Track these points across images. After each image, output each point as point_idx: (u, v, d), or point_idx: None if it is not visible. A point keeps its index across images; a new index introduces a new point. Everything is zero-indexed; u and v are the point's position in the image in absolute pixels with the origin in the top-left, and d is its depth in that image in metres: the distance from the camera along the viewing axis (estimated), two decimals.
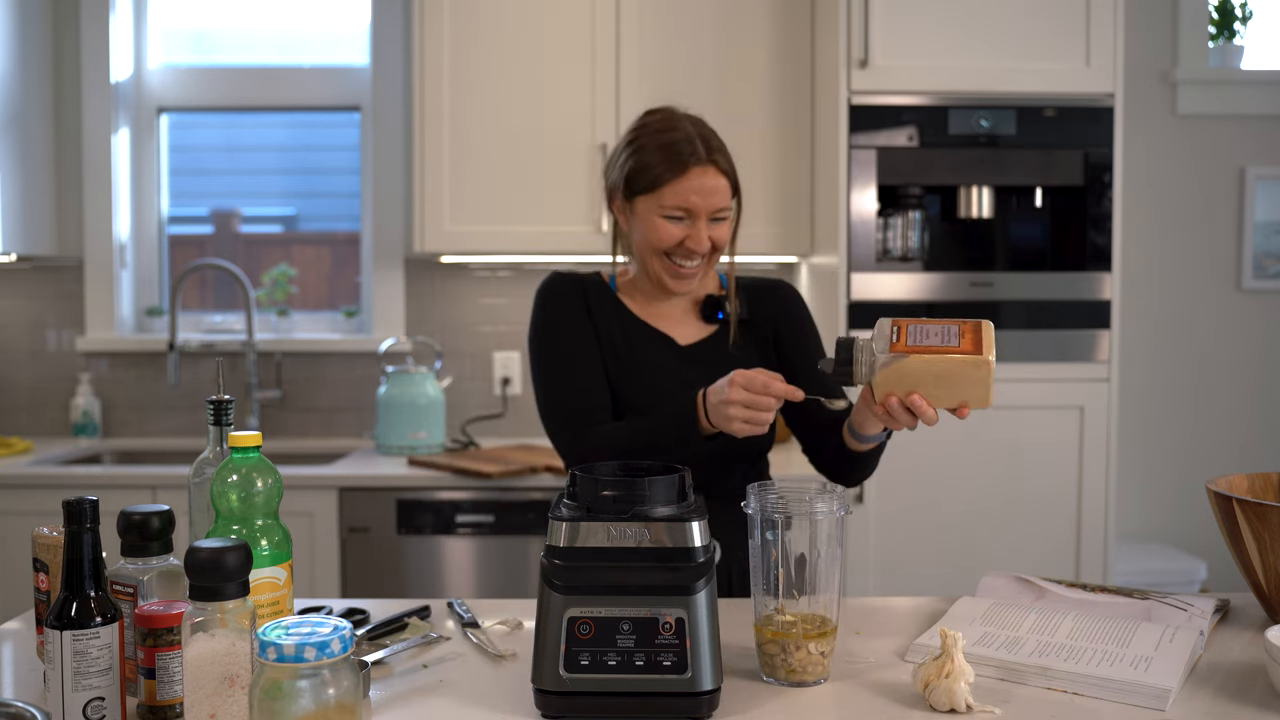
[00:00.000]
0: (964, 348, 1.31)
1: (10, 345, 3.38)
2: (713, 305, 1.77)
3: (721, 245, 1.70)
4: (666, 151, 1.65)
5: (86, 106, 3.31)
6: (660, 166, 1.65)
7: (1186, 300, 3.39)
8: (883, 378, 1.34)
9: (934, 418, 1.37)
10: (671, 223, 1.66)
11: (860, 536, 2.70)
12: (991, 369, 1.31)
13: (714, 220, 1.68)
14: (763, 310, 1.79)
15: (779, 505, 1.22)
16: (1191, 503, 3.33)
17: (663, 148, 1.66)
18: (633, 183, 1.69)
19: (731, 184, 1.69)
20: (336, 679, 0.90)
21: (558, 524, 1.14)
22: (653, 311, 1.77)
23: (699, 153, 1.65)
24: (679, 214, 1.66)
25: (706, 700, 1.10)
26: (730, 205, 1.70)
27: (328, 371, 3.38)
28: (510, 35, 2.97)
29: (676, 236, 1.67)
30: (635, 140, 1.69)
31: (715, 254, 1.71)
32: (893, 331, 1.33)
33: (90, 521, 1.07)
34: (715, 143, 1.69)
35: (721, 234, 1.69)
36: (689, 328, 1.77)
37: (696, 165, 1.65)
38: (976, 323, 1.34)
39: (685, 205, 1.65)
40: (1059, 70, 2.68)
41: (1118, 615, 1.39)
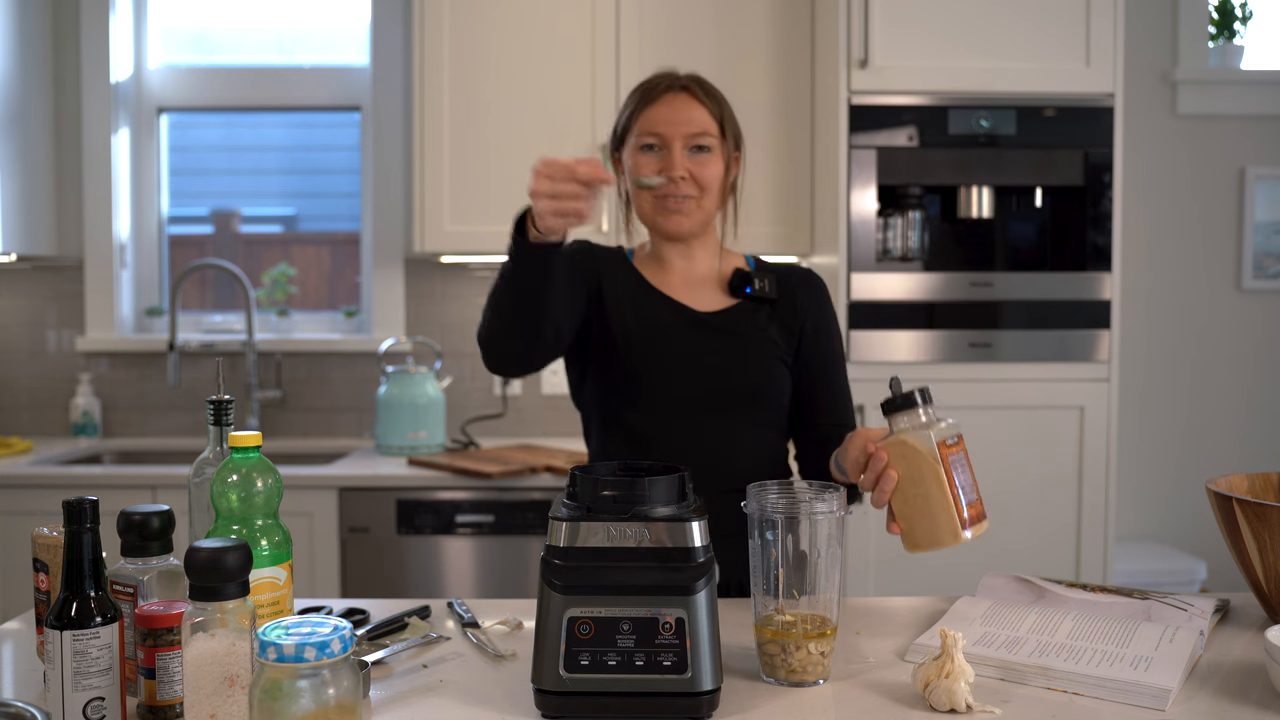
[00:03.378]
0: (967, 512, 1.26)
1: (10, 345, 3.38)
2: (741, 280, 1.72)
3: (706, 181, 1.65)
4: (643, 88, 1.67)
5: (86, 106, 3.31)
6: (635, 103, 1.66)
7: (1186, 300, 3.39)
8: (901, 439, 1.29)
9: (879, 504, 1.32)
10: (647, 154, 1.65)
11: (860, 536, 2.70)
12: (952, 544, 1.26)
13: (694, 151, 1.64)
14: (794, 298, 1.74)
15: (779, 505, 1.22)
16: (1191, 503, 3.33)
17: (641, 87, 1.68)
18: (617, 129, 1.70)
19: (716, 119, 1.66)
20: (336, 679, 0.90)
21: (558, 524, 1.14)
22: (669, 281, 1.73)
23: (675, 83, 1.65)
24: (652, 141, 1.64)
25: (706, 700, 1.10)
26: (712, 136, 1.65)
27: (328, 371, 3.38)
28: (510, 35, 2.97)
29: (652, 167, 1.64)
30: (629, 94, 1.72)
31: (705, 194, 1.66)
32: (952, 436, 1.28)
33: (90, 521, 1.07)
34: (698, 80, 1.67)
35: (704, 169, 1.64)
36: (710, 298, 1.72)
37: (669, 92, 1.64)
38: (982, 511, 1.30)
39: (655, 130, 1.63)
40: (1059, 70, 2.68)
41: (1118, 615, 1.39)
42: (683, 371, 1.65)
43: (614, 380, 1.68)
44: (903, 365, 2.69)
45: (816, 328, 1.74)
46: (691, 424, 1.64)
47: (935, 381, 2.70)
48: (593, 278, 1.70)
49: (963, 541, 1.24)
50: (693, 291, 1.73)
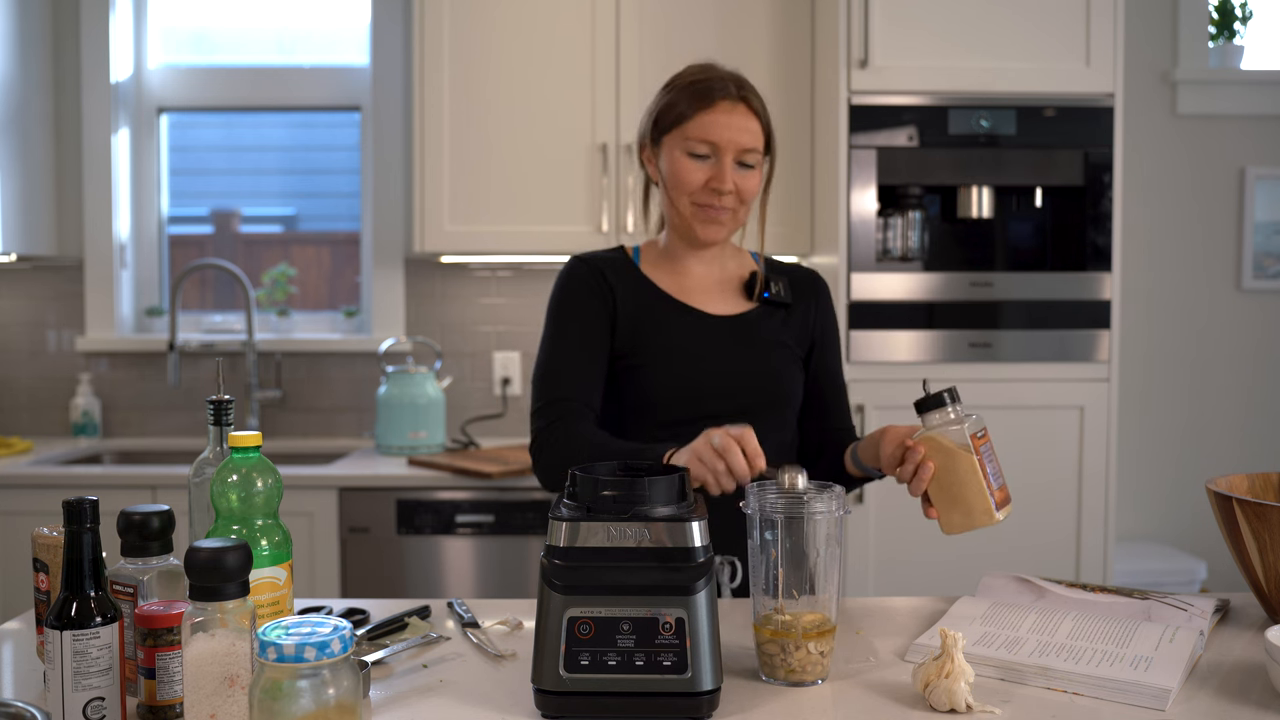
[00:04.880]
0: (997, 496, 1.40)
1: (10, 345, 3.38)
2: (761, 284, 1.72)
3: (748, 195, 1.64)
4: (696, 87, 1.63)
5: (86, 106, 3.31)
6: (687, 101, 1.63)
7: (1186, 300, 3.39)
8: (938, 436, 1.41)
9: (916, 493, 1.43)
10: (696, 161, 1.62)
11: (860, 536, 2.70)
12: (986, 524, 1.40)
13: (741, 166, 1.63)
14: (806, 302, 1.75)
15: (778, 505, 1.22)
16: (1191, 503, 3.33)
17: (693, 84, 1.64)
18: (660, 121, 1.65)
19: (764, 133, 1.65)
20: (336, 679, 0.90)
21: (558, 524, 1.14)
22: (680, 285, 1.72)
23: (730, 90, 1.62)
24: (704, 150, 1.62)
25: (706, 700, 1.10)
26: (759, 151, 1.65)
27: (328, 371, 3.38)
28: (510, 35, 2.97)
29: (701, 176, 1.62)
30: (669, 85, 1.68)
31: (743, 207, 1.66)
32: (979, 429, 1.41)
33: (90, 521, 1.07)
34: (750, 89, 1.65)
35: (748, 183, 1.64)
36: (723, 301, 1.71)
37: (725, 99, 1.62)
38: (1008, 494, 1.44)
39: (710, 139, 1.61)
40: (1059, 70, 2.68)
41: (1118, 615, 1.39)
42: (701, 377, 1.65)
43: (632, 393, 1.66)
44: (903, 365, 2.69)
45: (826, 333, 1.77)
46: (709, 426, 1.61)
47: (935, 381, 2.70)
48: (609, 304, 1.68)
49: (995, 522, 1.39)
50: (708, 295, 1.71)
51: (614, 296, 1.68)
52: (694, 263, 1.73)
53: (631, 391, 1.66)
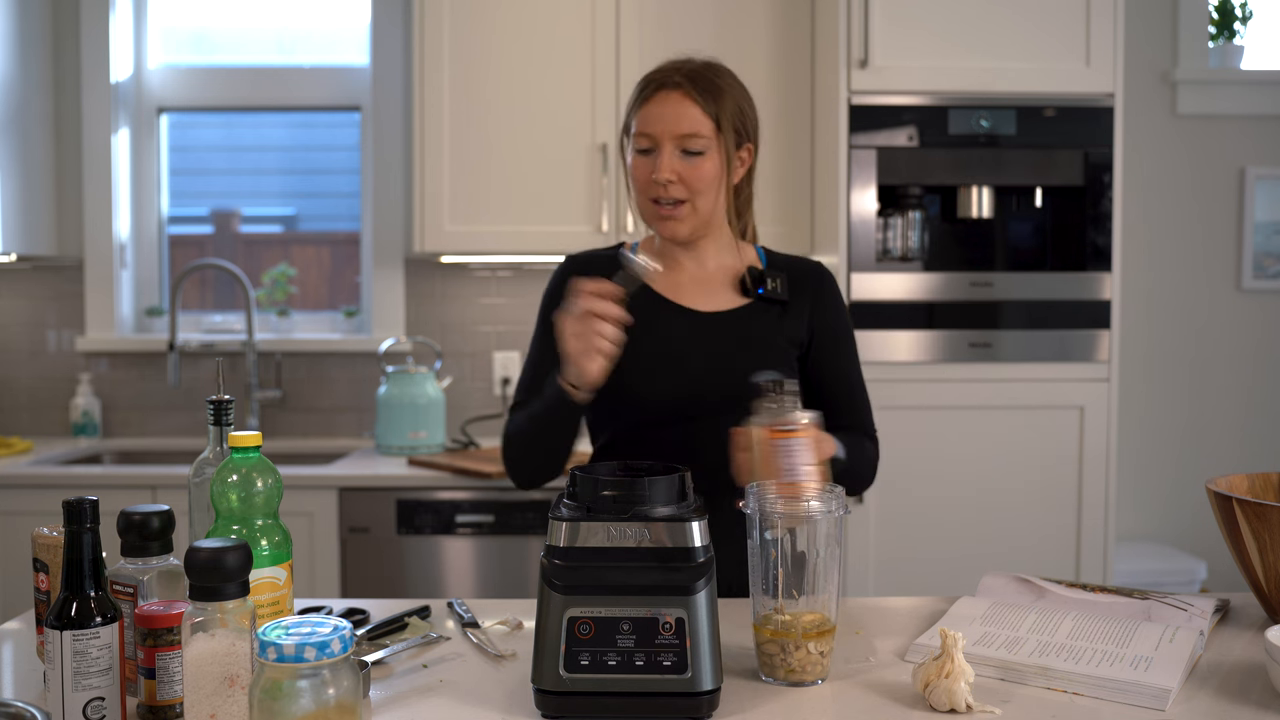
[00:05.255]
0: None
1: (10, 345, 3.38)
2: (755, 279, 1.67)
3: (699, 184, 1.59)
4: (642, 83, 1.61)
5: (86, 106, 3.31)
6: (633, 98, 1.61)
7: (1186, 300, 3.39)
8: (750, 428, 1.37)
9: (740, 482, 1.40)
10: (642, 157, 1.60)
11: (860, 536, 2.70)
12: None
13: (686, 155, 1.58)
14: (806, 297, 1.70)
15: (777, 505, 1.22)
16: (1191, 503, 3.33)
17: (642, 80, 1.62)
18: (626, 123, 1.64)
19: (711, 117, 1.58)
20: (336, 679, 0.90)
21: (558, 524, 1.14)
22: (672, 281, 1.69)
23: (670, 78, 1.58)
24: (646, 144, 1.59)
25: (706, 700, 1.10)
26: (704, 136, 1.58)
27: (328, 371, 3.38)
28: (510, 35, 2.97)
29: (647, 171, 1.59)
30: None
31: (699, 197, 1.60)
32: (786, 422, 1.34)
33: (90, 521, 1.07)
34: (701, 77, 1.59)
35: (696, 171, 1.58)
36: (716, 298, 1.68)
37: (662, 89, 1.58)
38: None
39: (647, 130, 1.58)
40: (1059, 70, 2.68)
41: (1118, 615, 1.39)
42: (687, 375, 1.63)
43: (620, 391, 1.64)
44: (903, 365, 2.69)
45: (829, 329, 1.71)
46: (698, 426, 1.61)
47: (935, 381, 2.70)
48: None
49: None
50: (701, 291, 1.69)
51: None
52: (686, 259, 1.71)
53: (619, 389, 1.64)
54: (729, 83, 1.64)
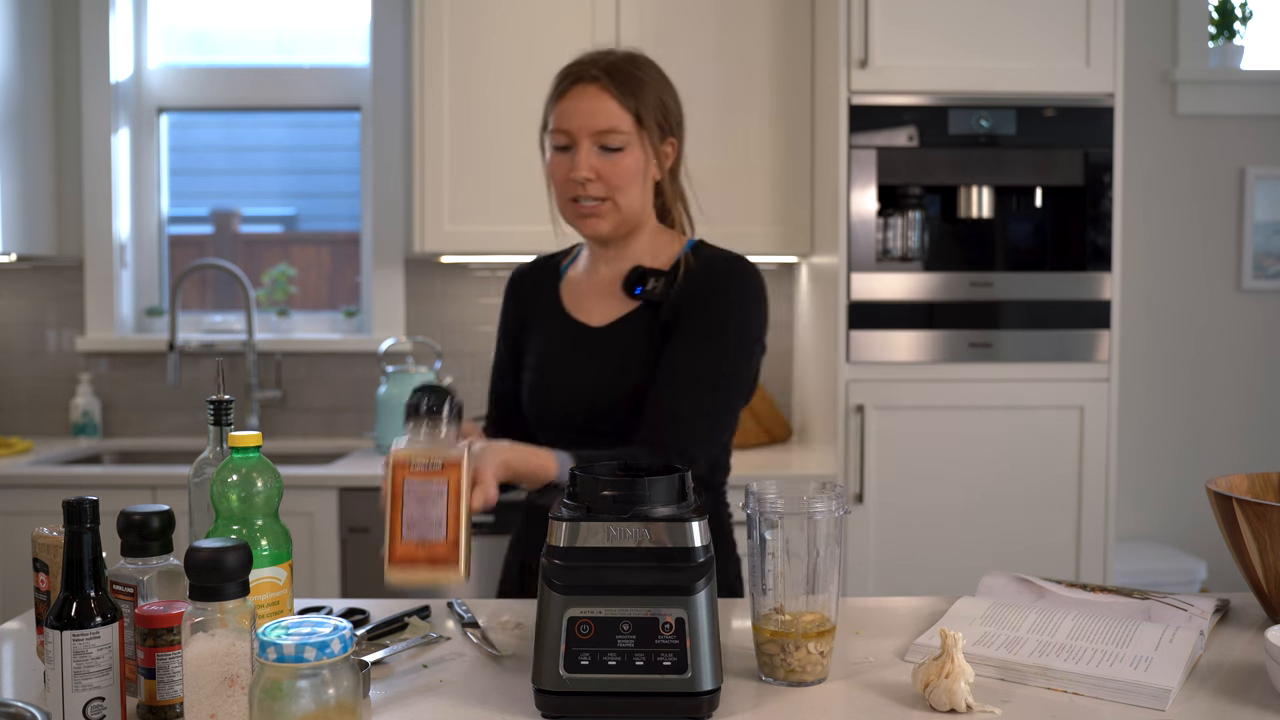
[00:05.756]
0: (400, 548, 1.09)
1: (10, 345, 3.38)
2: (637, 278, 1.58)
3: (618, 180, 1.53)
4: (557, 77, 1.57)
5: (86, 106, 3.31)
6: (549, 94, 1.56)
7: (1186, 300, 3.39)
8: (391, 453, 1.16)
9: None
10: (560, 154, 1.55)
11: (860, 536, 2.70)
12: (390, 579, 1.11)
13: (605, 151, 1.53)
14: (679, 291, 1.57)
15: (778, 504, 1.22)
16: (1191, 503, 3.33)
17: (559, 73, 1.57)
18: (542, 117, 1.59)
19: (630, 111, 1.53)
20: (336, 679, 0.90)
21: (558, 524, 1.14)
22: (584, 290, 1.65)
23: (586, 72, 1.53)
24: (563, 140, 1.54)
25: (706, 700, 1.10)
26: (622, 132, 1.53)
27: (328, 371, 3.38)
28: (510, 35, 2.97)
29: (563, 169, 1.54)
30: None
31: (620, 194, 1.54)
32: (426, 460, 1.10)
33: (90, 521, 1.07)
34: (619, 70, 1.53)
35: (615, 167, 1.53)
36: (606, 307, 1.61)
37: (578, 84, 1.53)
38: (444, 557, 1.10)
39: (563, 127, 1.53)
40: (1059, 70, 2.68)
41: (1118, 615, 1.39)
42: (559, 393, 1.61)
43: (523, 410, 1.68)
44: (903, 365, 2.69)
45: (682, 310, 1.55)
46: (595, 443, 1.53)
47: (935, 381, 2.70)
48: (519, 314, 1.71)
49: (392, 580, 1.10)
50: (597, 300, 1.63)
51: (523, 309, 1.71)
52: (601, 262, 1.65)
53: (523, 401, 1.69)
54: (650, 75, 1.57)
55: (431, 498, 1.07)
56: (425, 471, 1.06)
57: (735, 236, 3.02)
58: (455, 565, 1.09)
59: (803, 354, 3.22)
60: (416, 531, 1.06)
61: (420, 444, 1.08)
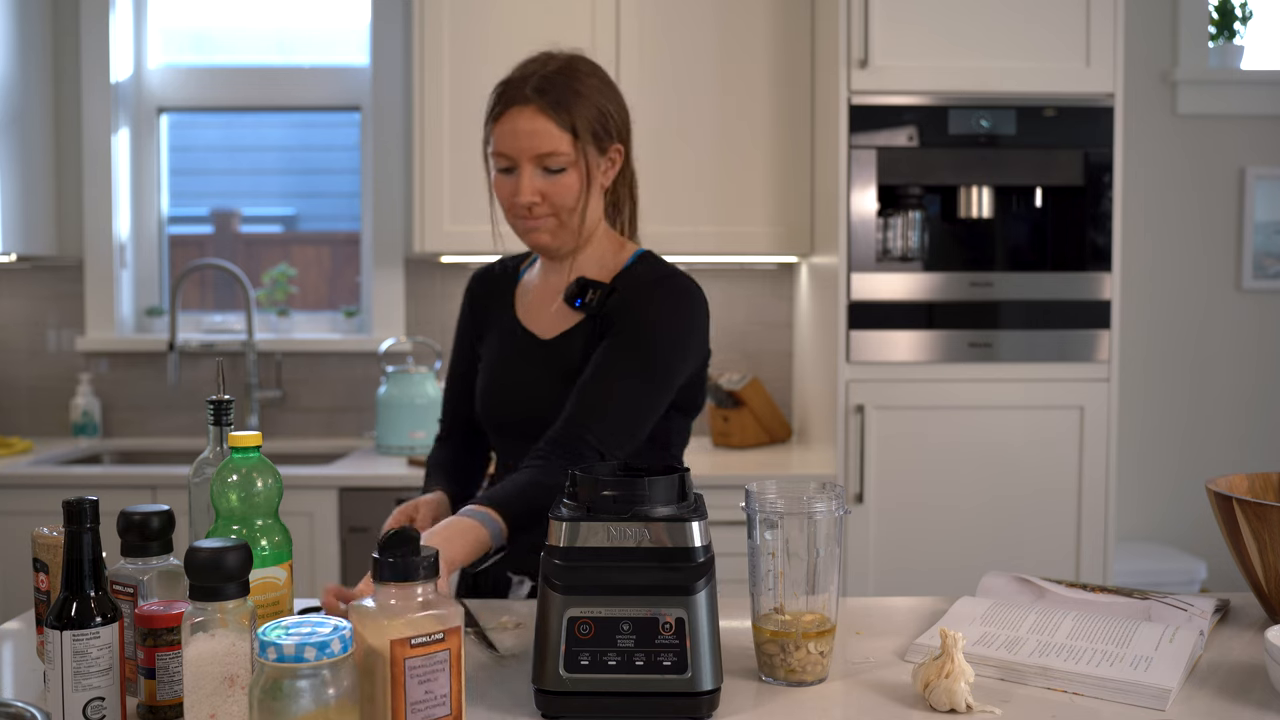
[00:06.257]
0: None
1: (10, 345, 3.38)
2: (576, 290, 1.57)
3: (563, 200, 1.53)
4: (496, 93, 1.55)
5: (86, 106, 3.31)
6: (490, 109, 1.55)
7: (1186, 300, 3.39)
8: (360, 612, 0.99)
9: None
10: (503, 176, 1.55)
11: (860, 536, 2.70)
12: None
13: (548, 172, 1.52)
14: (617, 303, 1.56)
15: (778, 504, 1.22)
16: (1191, 503, 3.33)
17: (496, 89, 1.56)
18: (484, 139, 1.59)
19: (567, 130, 1.51)
20: (336, 679, 0.90)
21: (558, 524, 1.14)
22: (534, 299, 1.65)
23: (520, 94, 1.51)
24: (505, 163, 1.53)
25: (706, 700, 1.10)
26: (562, 153, 1.51)
27: (328, 371, 3.38)
28: (510, 35, 2.97)
29: (507, 190, 1.54)
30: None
31: (565, 212, 1.54)
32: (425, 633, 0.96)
33: (90, 521, 1.07)
34: (554, 86, 1.51)
35: (558, 188, 1.52)
36: (559, 317, 1.61)
37: (513, 106, 1.51)
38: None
39: (502, 151, 1.52)
40: (1059, 70, 2.68)
41: (1118, 615, 1.39)
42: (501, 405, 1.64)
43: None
44: (903, 365, 2.69)
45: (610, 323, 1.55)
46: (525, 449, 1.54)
47: (935, 381, 2.70)
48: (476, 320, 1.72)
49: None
50: (544, 308, 1.63)
51: (481, 314, 1.72)
52: (551, 271, 1.65)
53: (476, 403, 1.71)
54: (587, 85, 1.54)
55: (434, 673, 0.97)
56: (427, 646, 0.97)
57: (735, 236, 3.04)
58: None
59: (803, 354, 3.22)
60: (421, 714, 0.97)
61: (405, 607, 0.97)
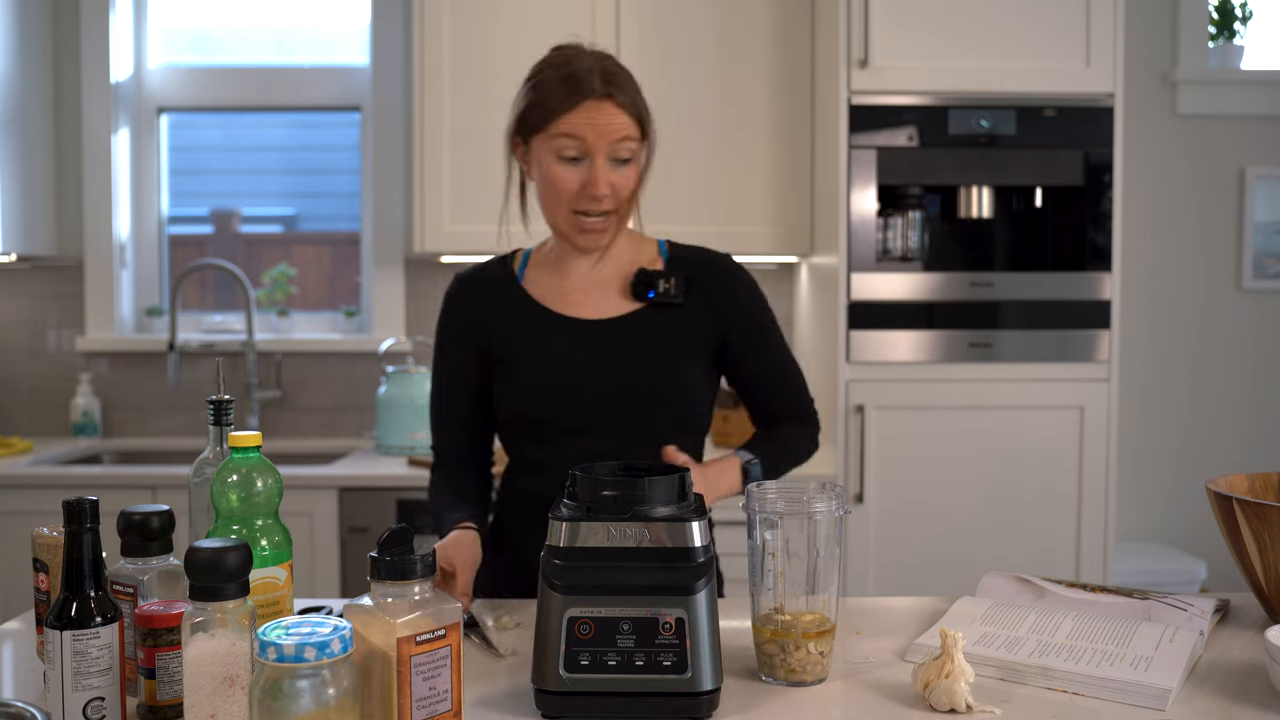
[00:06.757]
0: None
1: (10, 345, 3.38)
2: (645, 282, 1.60)
3: (626, 192, 1.55)
4: (562, 84, 1.54)
5: (86, 106, 3.31)
6: (554, 99, 1.53)
7: (1186, 300, 3.39)
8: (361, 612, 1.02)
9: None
10: (568, 166, 1.53)
11: (860, 536, 2.70)
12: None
13: (616, 163, 1.54)
14: (704, 298, 1.61)
15: (778, 505, 1.22)
16: (1191, 503, 3.33)
17: (559, 80, 1.54)
18: (530, 120, 1.57)
19: (637, 121, 1.54)
20: (336, 679, 0.90)
21: (558, 524, 1.14)
22: (560, 288, 1.64)
23: (595, 86, 1.52)
24: (574, 151, 1.53)
25: (706, 700, 1.10)
26: (633, 142, 1.55)
27: (328, 371, 3.38)
28: (510, 35, 2.97)
29: (575, 183, 1.53)
30: (534, 76, 1.58)
31: (623, 206, 1.57)
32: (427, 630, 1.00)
33: (90, 521, 1.07)
34: (617, 78, 1.55)
35: (626, 179, 1.55)
36: (604, 303, 1.61)
37: (590, 98, 1.51)
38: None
39: (579, 136, 1.51)
40: (1059, 70, 2.68)
41: (1118, 615, 1.39)
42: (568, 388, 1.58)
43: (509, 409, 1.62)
44: (903, 365, 2.69)
45: (745, 323, 1.63)
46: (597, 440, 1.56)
47: (935, 381, 2.70)
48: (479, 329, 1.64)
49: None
50: (589, 297, 1.62)
51: (483, 318, 1.65)
52: (579, 262, 1.64)
53: (509, 406, 1.62)
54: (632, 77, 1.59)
55: (437, 669, 1.01)
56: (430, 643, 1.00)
57: (735, 236, 3.04)
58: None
59: (802, 354, 3.22)
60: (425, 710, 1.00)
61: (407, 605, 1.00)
